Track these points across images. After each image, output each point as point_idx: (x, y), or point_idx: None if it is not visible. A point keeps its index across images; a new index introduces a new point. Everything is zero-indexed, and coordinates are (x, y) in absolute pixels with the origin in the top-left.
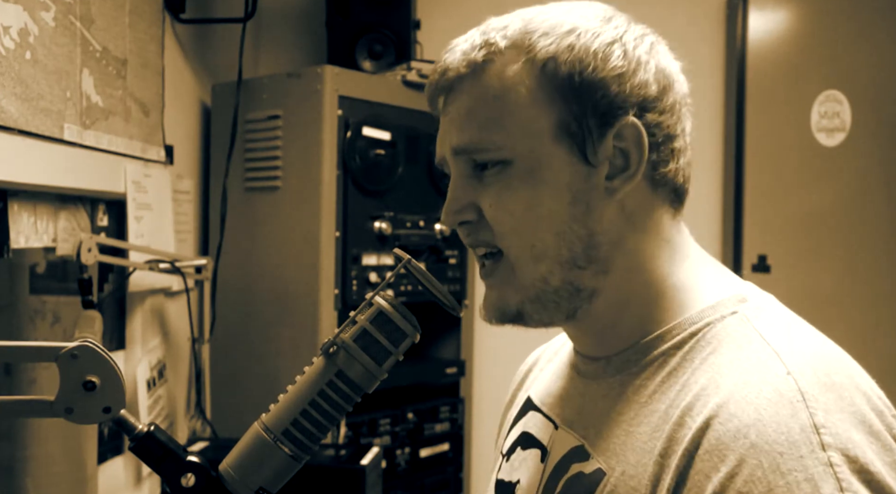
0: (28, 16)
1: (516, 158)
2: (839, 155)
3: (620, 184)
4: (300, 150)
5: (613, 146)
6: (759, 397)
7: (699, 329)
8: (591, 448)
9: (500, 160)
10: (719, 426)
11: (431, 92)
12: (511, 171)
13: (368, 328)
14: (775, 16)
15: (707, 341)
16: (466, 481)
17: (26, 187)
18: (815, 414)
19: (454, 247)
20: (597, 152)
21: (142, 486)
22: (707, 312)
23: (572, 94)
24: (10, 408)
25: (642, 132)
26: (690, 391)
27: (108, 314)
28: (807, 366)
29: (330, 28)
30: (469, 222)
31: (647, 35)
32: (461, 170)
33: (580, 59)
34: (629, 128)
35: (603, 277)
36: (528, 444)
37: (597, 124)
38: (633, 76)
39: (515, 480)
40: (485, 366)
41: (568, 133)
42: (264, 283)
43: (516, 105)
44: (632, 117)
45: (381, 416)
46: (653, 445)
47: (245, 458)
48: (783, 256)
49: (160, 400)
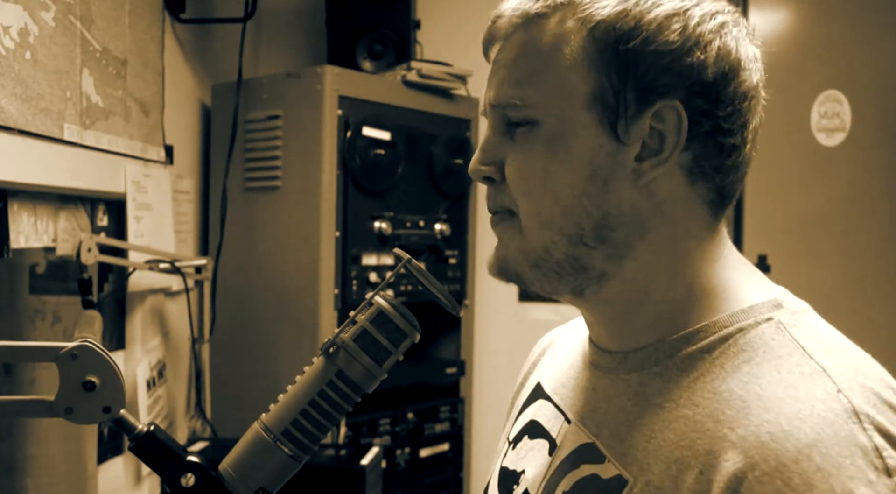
0: (28, 16)
1: (545, 120)
2: (839, 155)
3: (650, 168)
4: (300, 150)
5: (651, 127)
6: (812, 415)
7: (730, 334)
8: (605, 450)
9: (528, 120)
10: (775, 446)
11: (486, 38)
12: (538, 133)
13: (368, 327)
14: (775, 16)
15: (740, 347)
16: (466, 481)
17: (26, 186)
18: (873, 437)
19: (454, 247)
20: (629, 130)
21: (142, 486)
22: (739, 316)
23: (616, 63)
24: (10, 408)
25: (683, 117)
26: (727, 402)
27: (108, 314)
28: (855, 383)
29: (330, 28)
30: (493, 180)
31: (720, 13)
32: (496, 124)
33: (632, 26)
34: (670, 110)
35: (617, 261)
36: (536, 434)
37: (635, 99)
38: (689, 55)
39: (520, 470)
40: (485, 366)
41: (602, 103)
42: (264, 283)
43: (557, 65)
44: (676, 100)
45: (381, 416)
46: (683, 456)
47: (245, 458)
48: (783, 256)
49: (160, 400)
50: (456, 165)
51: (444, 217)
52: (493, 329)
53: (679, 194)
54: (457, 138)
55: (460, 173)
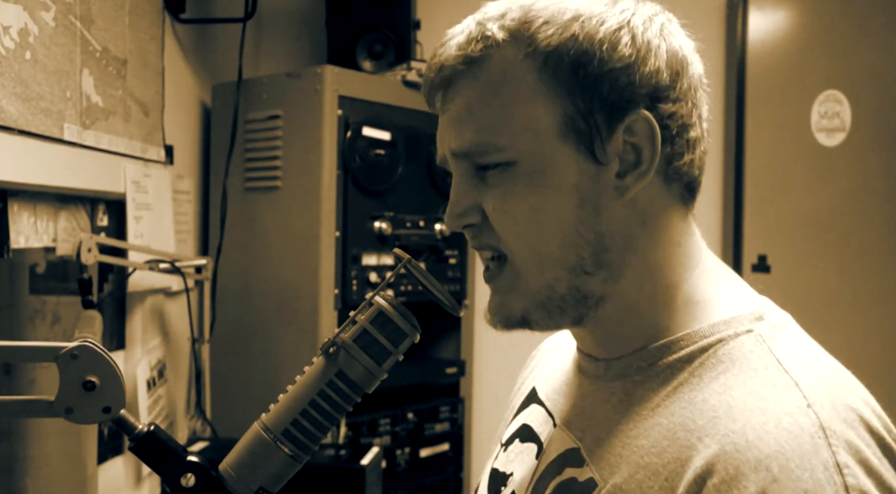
0: (28, 16)
1: (520, 158)
2: (839, 155)
3: (632, 182)
4: (300, 150)
5: (624, 141)
6: (778, 427)
7: (710, 345)
8: (586, 454)
9: (502, 162)
10: (737, 455)
11: (428, 89)
12: (515, 172)
13: (368, 328)
14: (775, 16)
15: (718, 358)
16: (466, 481)
17: (26, 186)
18: (837, 453)
19: (454, 247)
20: (606, 149)
21: (142, 486)
22: (720, 326)
23: (578, 87)
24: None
25: (654, 126)
26: (700, 412)
27: (108, 314)
28: (827, 399)
29: (330, 28)
30: (473, 225)
31: (656, 16)
32: (463, 171)
33: (584, 50)
34: (640, 122)
35: (613, 283)
36: (527, 437)
37: (605, 120)
38: (643, 65)
39: (509, 472)
40: (485, 366)
41: (574, 130)
42: (264, 283)
43: (517, 102)
44: (643, 110)
45: (381, 416)
46: (651, 462)
47: (245, 458)
48: (783, 256)
49: (160, 400)
50: None
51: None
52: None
53: (657, 199)
54: None
55: None
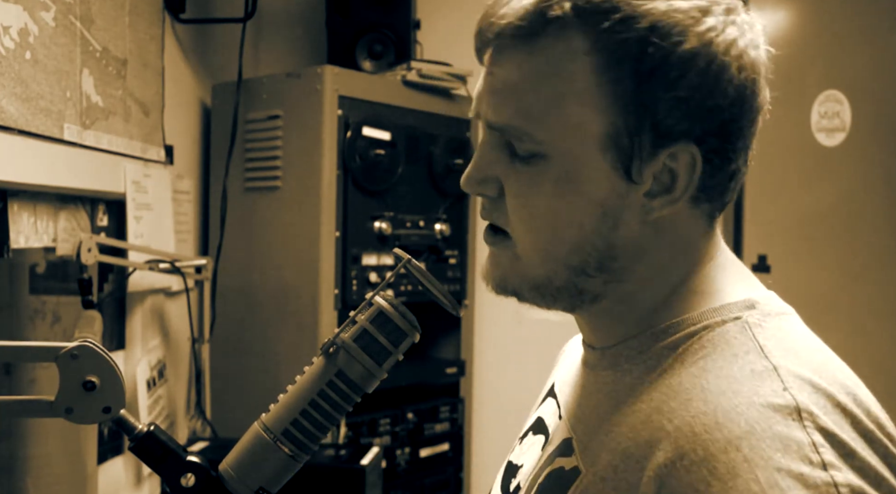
0: (28, 16)
1: (554, 156)
2: (839, 155)
3: (660, 206)
4: (300, 150)
5: (663, 164)
6: (749, 408)
7: (696, 331)
8: (576, 444)
9: (536, 153)
10: (705, 435)
11: (478, 42)
12: (546, 168)
13: (368, 327)
14: (775, 16)
15: (702, 344)
16: (466, 481)
17: (26, 186)
18: (811, 433)
19: (454, 247)
20: (643, 170)
21: (142, 486)
22: (708, 314)
23: (633, 105)
24: (10, 408)
25: (698, 160)
26: (674, 394)
27: (108, 314)
28: (806, 383)
29: (330, 28)
30: (488, 196)
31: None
32: (494, 139)
33: (652, 69)
34: (685, 152)
35: (614, 284)
36: (539, 430)
37: (650, 141)
38: (709, 98)
39: (520, 463)
40: (485, 366)
41: (617, 145)
42: (264, 283)
43: (568, 99)
44: (693, 144)
45: (381, 416)
46: (627, 447)
47: (245, 458)
48: (783, 256)
49: (160, 400)
50: (456, 165)
51: (444, 217)
52: (493, 329)
53: (682, 218)
54: (457, 138)
55: (460, 173)
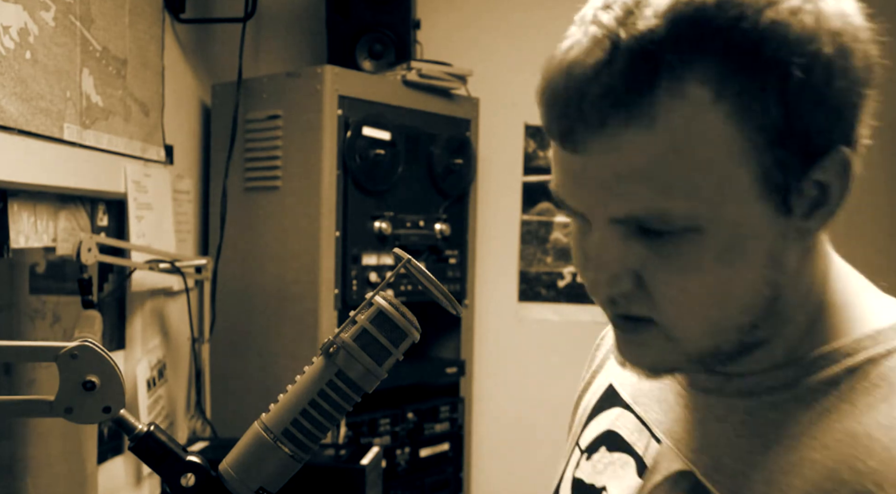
0: (28, 16)
1: (710, 226)
2: None
3: (817, 224)
4: (300, 150)
5: (813, 180)
6: None
7: (858, 364)
8: (708, 482)
9: (688, 229)
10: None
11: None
12: (701, 242)
13: (368, 327)
14: None
15: (872, 382)
16: (466, 481)
17: (26, 186)
18: None
19: (454, 247)
20: (798, 198)
21: (142, 486)
22: (866, 342)
23: (778, 136)
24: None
25: (850, 162)
26: (866, 450)
27: (108, 314)
28: None
29: (330, 28)
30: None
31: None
32: (618, 232)
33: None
34: (836, 161)
35: (780, 327)
36: (617, 447)
37: (800, 164)
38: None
39: (601, 485)
40: (485, 366)
41: (772, 186)
42: (264, 283)
43: (709, 162)
44: (842, 147)
45: (381, 416)
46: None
47: (245, 458)
48: None
49: (160, 400)
50: (456, 165)
51: (444, 217)
52: (493, 329)
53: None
54: (457, 138)
55: (460, 173)
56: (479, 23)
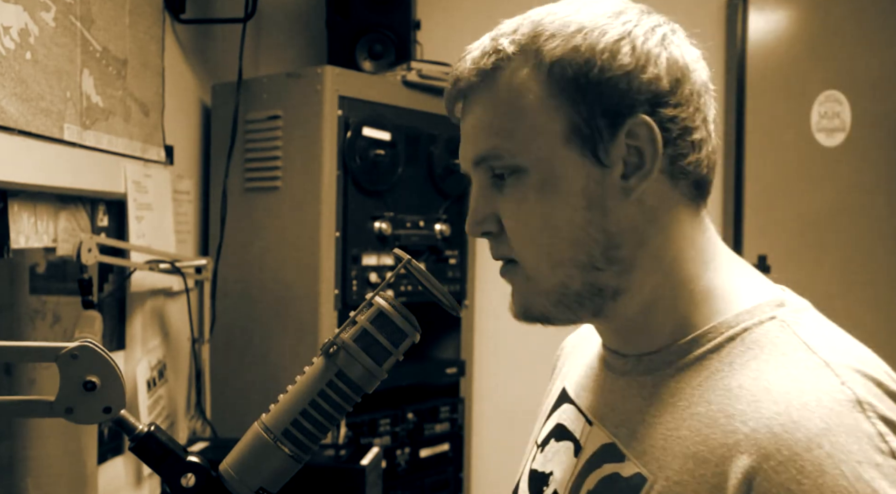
0: (28, 16)
1: (530, 165)
2: (839, 155)
3: (636, 182)
4: (300, 150)
5: (627, 145)
6: (819, 406)
7: (737, 334)
8: (624, 449)
9: (514, 168)
10: (787, 436)
11: (447, 101)
12: (526, 180)
13: (368, 328)
14: (775, 16)
15: (747, 346)
16: (466, 481)
17: (26, 187)
18: (875, 424)
19: (454, 247)
20: (609, 153)
21: (142, 486)
22: (744, 316)
23: (580, 95)
24: (10, 408)
25: (654, 129)
26: (737, 398)
27: (108, 314)
28: (857, 375)
29: (330, 28)
30: (491, 233)
31: (659, 27)
32: (481, 180)
33: (586, 59)
34: (641, 126)
35: (626, 276)
36: (562, 436)
37: (607, 125)
38: (643, 72)
39: (549, 471)
40: (485, 366)
41: (579, 136)
42: (264, 283)
43: (526, 111)
44: (643, 115)
45: (381, 416)
46: (699, 451)
47: (245, 458)
48: (783, 256)
49: (160, 400)
50: (456, 166)
51: (444, 217)
52: (493, 329)
53: (665, 196)
54: (457, 138)
55: (460, 173)
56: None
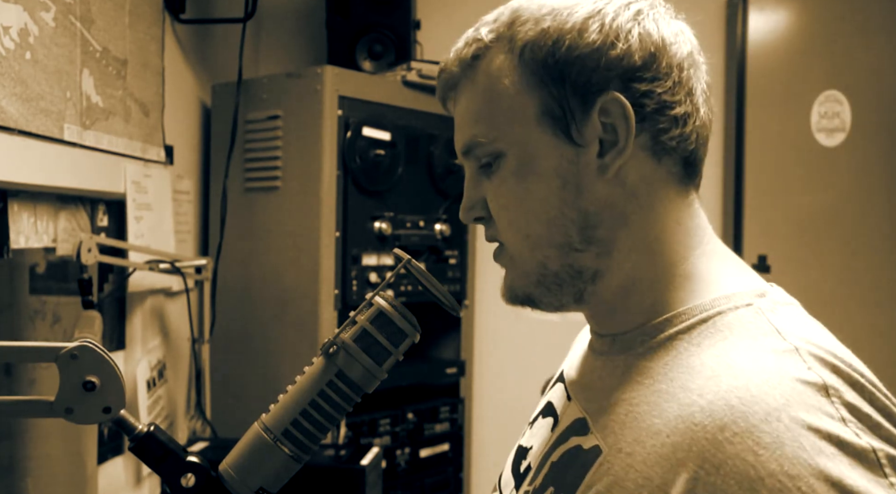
0: (28, 16)
1: (508, 150)
2: (839, 155)
3: (612, 159)
4: (300, 150)
5: (602, 123)
6: (781, 383)
7: (710, 317)
8: (591, 424)
9: (494, 154)
10: (744, 408)
11: (439, 95)
12: (505, 164)
13: (368, 328)
14: (775, 16)
15: (717, 328)
16: (466, 481)
17: (26, 187)
18: (840, 409)
19: (454, 247)
20: (582, 132)
21: (142, 486)
22: (720, 301)
23: (549, 76)
24: (10, 408)
25: (626, 105)
26: (698, 373)
27: (108, 314)
28: (826, 364)
29: (330, 28)
30: (482, 218)
31: (634, 3)
32: (471, 169)
33: (555, 39)
34: (613, 102)
35: (606, 257)
36: (548, 413)
37: (579, 103)
38: (612, 48)
39: (529, 446)
40: (485, 366)
41: (552, 117)
42: (264, 283)
43: (503, 97)
44: (613, 92)
45: (381, 416)
46: (653, 423)
47: (245, 458)
48: (783, 256)
49: (160, 400)
50: (456, 166)
51: (444, 217)
52: (493, 329)
53: (648, 174)
54: None
55: (460, 173)
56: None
